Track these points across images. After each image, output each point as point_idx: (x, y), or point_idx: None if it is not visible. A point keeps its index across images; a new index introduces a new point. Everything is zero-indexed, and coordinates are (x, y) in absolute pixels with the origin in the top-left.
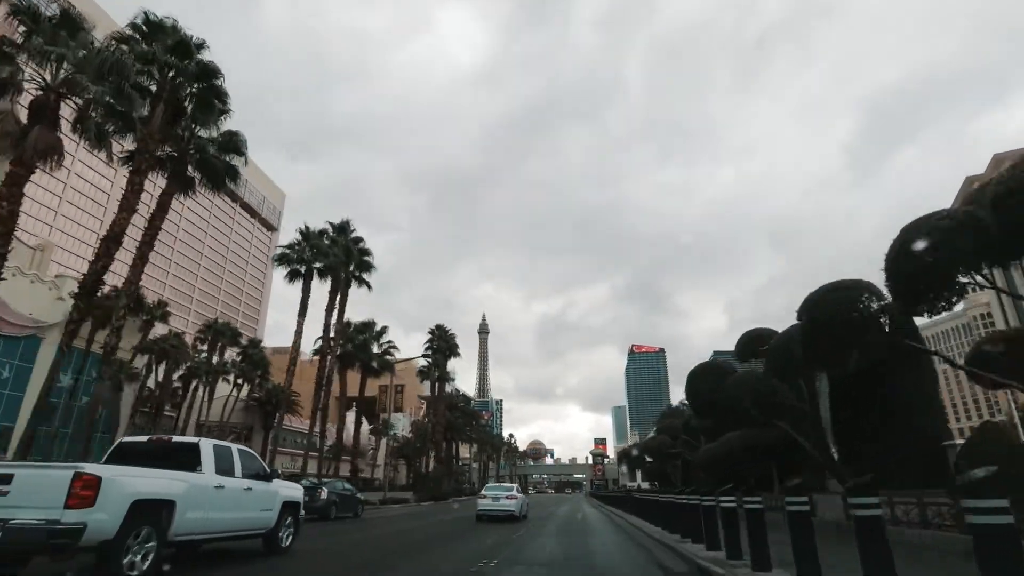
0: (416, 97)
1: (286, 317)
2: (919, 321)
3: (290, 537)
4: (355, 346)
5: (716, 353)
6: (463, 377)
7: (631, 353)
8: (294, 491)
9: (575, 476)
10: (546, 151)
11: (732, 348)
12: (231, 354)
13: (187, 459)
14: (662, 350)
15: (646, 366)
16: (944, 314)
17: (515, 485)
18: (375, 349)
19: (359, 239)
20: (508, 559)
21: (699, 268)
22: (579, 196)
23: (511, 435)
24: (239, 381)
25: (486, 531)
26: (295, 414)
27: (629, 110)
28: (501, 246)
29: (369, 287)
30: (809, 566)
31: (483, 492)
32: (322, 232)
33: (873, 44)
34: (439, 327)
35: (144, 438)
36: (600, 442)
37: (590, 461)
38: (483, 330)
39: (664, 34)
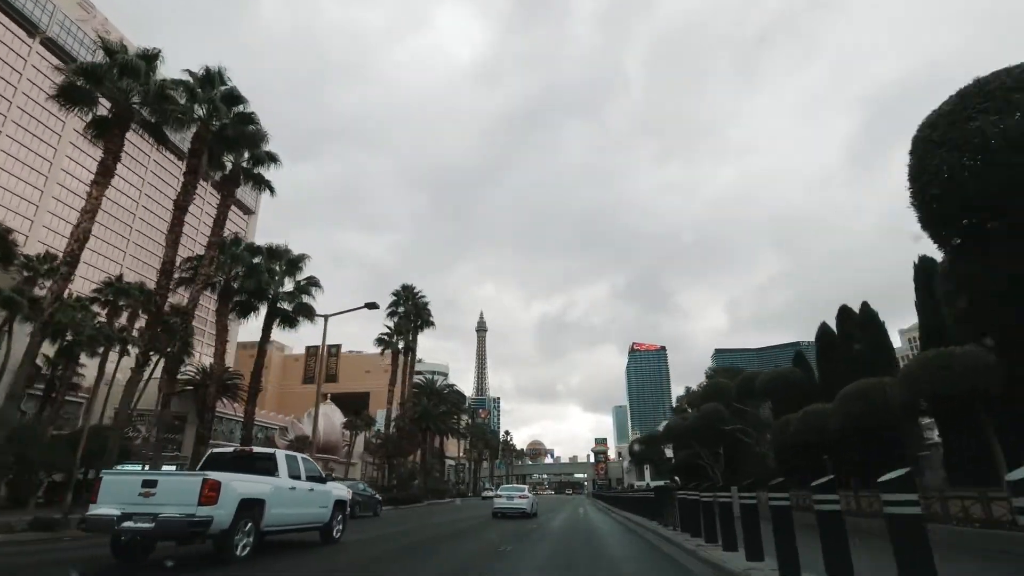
0: (414, 95)
1: None
2: None
3: (340, 530)
4: (246, 274)
5: (718, 351)
6: (463, 377)
7: (631, 351)
8: (343, 492)
9: (575, 476)
10: (546, 149)
11: (734, 347)
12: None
13: (266, 466)
14: (663, 348)
15: (647, 364)
16: None
17: (526, 487)
18: (288, 286)
19: (239, 98)
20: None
21: (700, 266)
22: (579, 194)
23: (507, 432)
24: (150, 354)
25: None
26: (236, 399)
27: (630, 106)
28: (501, 245)
29: (270, 190)
30: None
31: (499, 492)
32: (177, 82)
33: (874, 39)
34: (406, 287)
35: (230, 449)
36: (601, 442)
37: (591, 459)
38: (481, 328)
39: (664, 30)
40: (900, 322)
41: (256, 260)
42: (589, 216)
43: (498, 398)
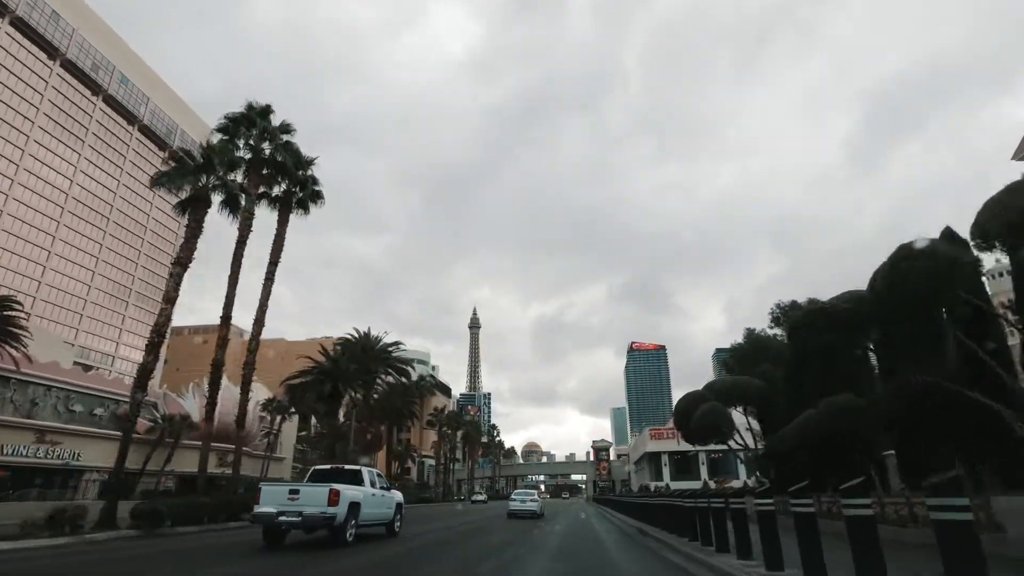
0: (409, 93)
1: None
2: None
3: (399, 526)
4: None
5: (719, 351)
6: (458, 380)
7: (630, 351)
8: (400, 497)
9: (573, 477)
10: (543, 148)
11: (732, 347)
12: None
13: (355, 478)
14: (662, 347)
15: (646, 364)
16: None
17: (535, 491)
18: None
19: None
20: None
21: (699, 267)
22: (577, 194)
23: (494, 426)
24: None
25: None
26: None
27: (628, 102)
28: (498, 247)
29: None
30: None
31: (512, 496)
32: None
33: (876, 33)
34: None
35: (328, 466)
36: (602, 441)
37: (591, 458)
38: (474, 324)
39: (662, 23)
40: None
41: None
42: (587, 216)
43: (488, 394)
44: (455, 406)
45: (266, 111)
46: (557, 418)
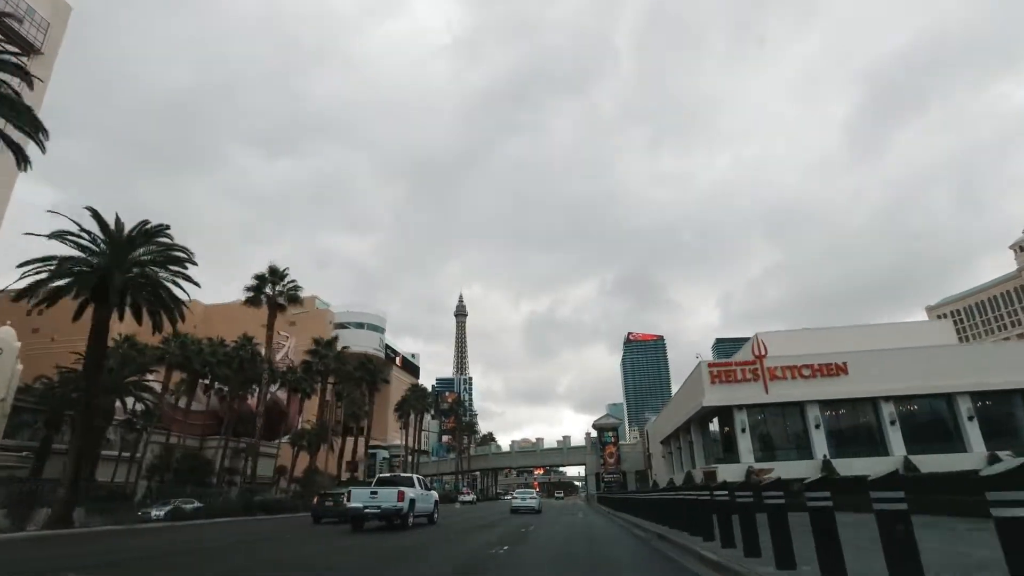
0: (393, 83)
1: None
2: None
3: (436, 517)
4: None
5: (718, 341)
6: (444, 371)
7: (627, 342)
8: (436, 495)
9: (569, 473)
10: (534, 137)
11: (736, 336)
12: None
13: (408, 482)
14: (661, 337)
15: (644, 356)
16: None
17: (534, 490)
18: None
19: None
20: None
21: (692, 260)
22: (567, 187)
23: (464, 401)
24: None
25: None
26: None
27: (620, 86)
28: (488, 244)
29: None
30: None
31: (514, 495)
32: None
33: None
34: None
35: (389, 475)
36: (607, 418)
37: (592, 442)
38: (460, 312)
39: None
40: (908, 313)
41: None
42: (578, 209)
43: (470, 378)
44: (432, 392)
45: None
46: (552, 418)
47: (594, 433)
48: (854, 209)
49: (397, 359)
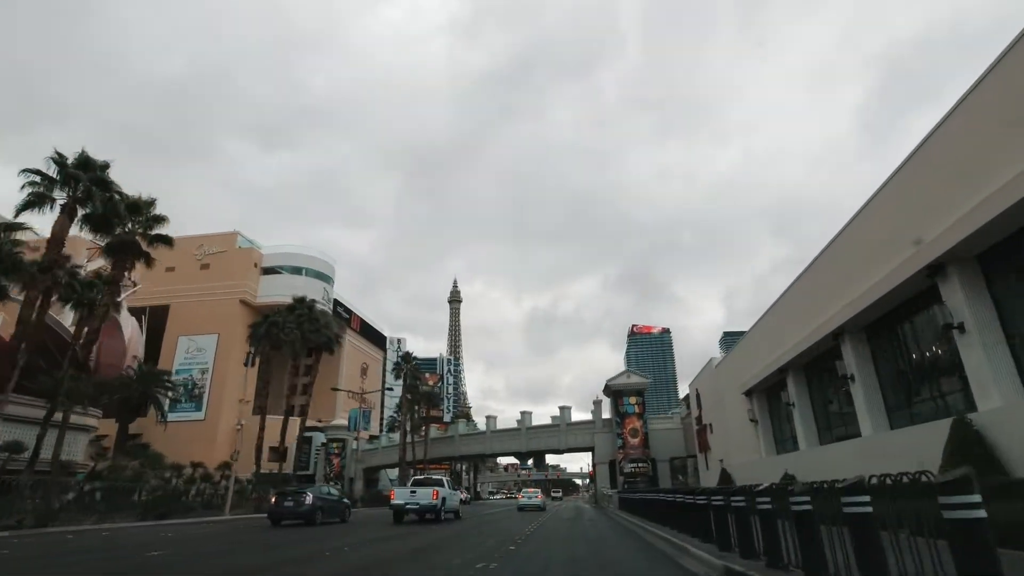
0: (391, 70)
1: None
2: None
3: (460, 513)
4: None
5: (726, 334)
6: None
7: (631, 335)
8: (460, 495)
9: (563, 461)
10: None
11: (741, 330)
12: None
13: (439, 483)
14: (667, 330)
15: (649, 349)
16: None
17: (539, 490)
18: None
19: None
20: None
21: (697, 255)
22: (569, 179)
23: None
24: None
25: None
26: None
27: (625, 71)
28: (488, 239)
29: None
30: None
31: (521, 494)
32: None
33: None
34: None
35: (422, 477)
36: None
37: (607, 415)
38: (454, 299)
39: None
40: None
41: None
42: (580, 202)
43: (457, 359)
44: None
45: None
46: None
47: (607, 401)
48: (861, 199)
49: (352, 320)
